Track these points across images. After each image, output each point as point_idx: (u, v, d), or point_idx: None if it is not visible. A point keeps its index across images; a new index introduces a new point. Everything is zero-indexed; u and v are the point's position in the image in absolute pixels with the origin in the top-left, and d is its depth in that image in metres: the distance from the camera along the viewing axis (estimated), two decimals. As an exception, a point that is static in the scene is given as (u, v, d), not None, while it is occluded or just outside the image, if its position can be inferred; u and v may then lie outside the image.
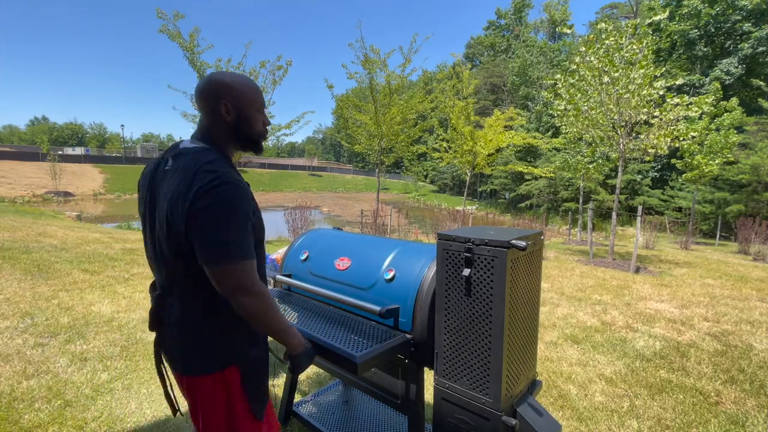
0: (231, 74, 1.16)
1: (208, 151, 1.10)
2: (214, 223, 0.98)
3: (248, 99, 1.15)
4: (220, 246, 0.99)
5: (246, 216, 1.04)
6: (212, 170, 1.02)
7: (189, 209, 0.99)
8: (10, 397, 2.28)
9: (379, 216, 11.05)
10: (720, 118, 13.12)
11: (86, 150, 61.30)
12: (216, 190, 0.99)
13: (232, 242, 1.00)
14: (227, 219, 0.99)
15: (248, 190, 1.08)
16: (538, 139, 17.16)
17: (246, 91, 1.15)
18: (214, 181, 1.00)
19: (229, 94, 1.12)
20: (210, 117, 1.14)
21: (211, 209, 0.98)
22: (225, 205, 0.99)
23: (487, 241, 1.24)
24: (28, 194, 25.58)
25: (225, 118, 1.13)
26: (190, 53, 8.69)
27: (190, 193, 0.99)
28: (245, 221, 1.03)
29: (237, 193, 1.02)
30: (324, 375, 2.84)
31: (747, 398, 2.72)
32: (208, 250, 0.99)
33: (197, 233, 0.99)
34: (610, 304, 4.87)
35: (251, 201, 1.08)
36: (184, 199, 0.99)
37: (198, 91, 1.15)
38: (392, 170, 60.52)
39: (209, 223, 0.98)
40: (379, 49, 10.95)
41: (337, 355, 1.33)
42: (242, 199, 1.03)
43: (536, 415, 1.36)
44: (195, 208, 0.98)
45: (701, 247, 12.81)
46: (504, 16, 55.93)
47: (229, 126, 1.15)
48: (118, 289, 4.40)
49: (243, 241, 1.02)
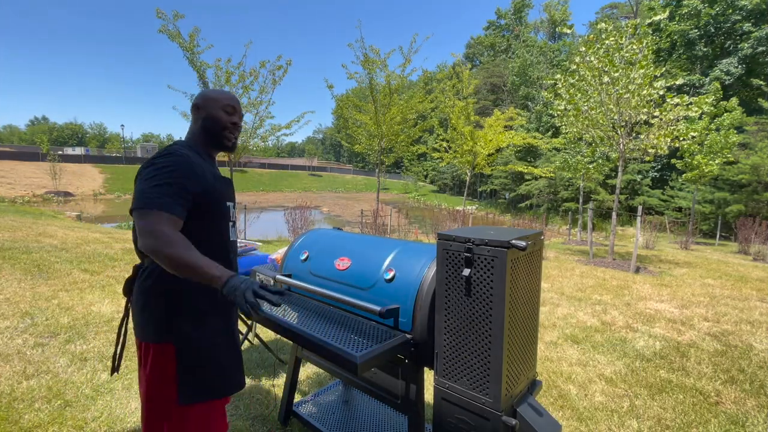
0: (212, 90, 1.47)
1: (176, 142, 1.31)
2: (144, 179, 1.15)
3: (213, 101, 1.37)
4: (137, 194, 1.13)
5: (176, 177, 1.15)
6: (165, 148, 1.25)
7: (136, 175, 1.20)
8: (10, 397, 2.28)
9: (379, 216, 11.05)
10: (720, 118, 13.11)
11: (86, 150, 61.31)
12: (158, 158, 1.19)
13: (147, 192, 1.12)
14: (154, 176, 1.14)
15: (191, 162, 1.21)
16: (538, 139, 17.16)
17: (212, 95, 1.39)
18: (159, 152, 1.23)
19: (200, 98, 1.38)
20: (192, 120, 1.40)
21: (147, 169, 1.17)
22: (159, 167, 1.16)
23: (487, 241, 1.24)
24: (28, 194, 25.57)
25: (197, 118, 1.37)
26: (190, 53, 8.69)
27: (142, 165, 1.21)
28: (174, 181, 1.14)
29: (175, 160, 1.18)
30: (324, 375, 2.84)
31: (747, 398, 2.72)
32: (133, 200, 1.14)
33: (134, 191, 1.16)
34: (610, 304, 4.87)
35: (192, 170, 1.20)
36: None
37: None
38: (392, 170, 60.51)
39: (140, 180, 1.16)
40: (378, 49, 10.95)
41: (337, 355, 1.33)
42: (179, 166, 1.17)
43: (536, 415, 1.36)
44: (138, 175, 1.19)
45: (701, 247, 12.81)
46: (504, 16, 55.92)
47: (200, 123, 1.36)
48: (118, 289, 4.39)
49: (158, 195, 1.11)
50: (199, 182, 1.21)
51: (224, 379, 1.29)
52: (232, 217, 1.41)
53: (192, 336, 1.21)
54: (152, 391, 1.21)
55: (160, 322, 1.20)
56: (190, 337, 1.21)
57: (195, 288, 1.21)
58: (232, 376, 1.33)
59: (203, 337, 1.23)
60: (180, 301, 1.21)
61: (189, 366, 1.20)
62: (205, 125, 1.36)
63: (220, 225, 1.33)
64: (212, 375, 1.25)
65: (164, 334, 1.20)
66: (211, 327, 1.26)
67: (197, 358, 1.22)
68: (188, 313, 1.22)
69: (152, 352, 1.20)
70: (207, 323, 1.25)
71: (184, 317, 1.21)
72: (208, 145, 1.38)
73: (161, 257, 1.08)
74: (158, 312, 1.20)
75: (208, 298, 1.26)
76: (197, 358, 1.22)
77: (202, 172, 1.24)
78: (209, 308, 1.26)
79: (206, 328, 1.24)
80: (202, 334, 1.23)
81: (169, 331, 1.20)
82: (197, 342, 1.22)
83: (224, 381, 1.29)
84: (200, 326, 1.23)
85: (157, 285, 1.21)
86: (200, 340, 1.23)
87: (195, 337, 1.22)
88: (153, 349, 1.20)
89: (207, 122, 1.36)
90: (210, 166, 1.35)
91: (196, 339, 1.22)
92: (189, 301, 1.23)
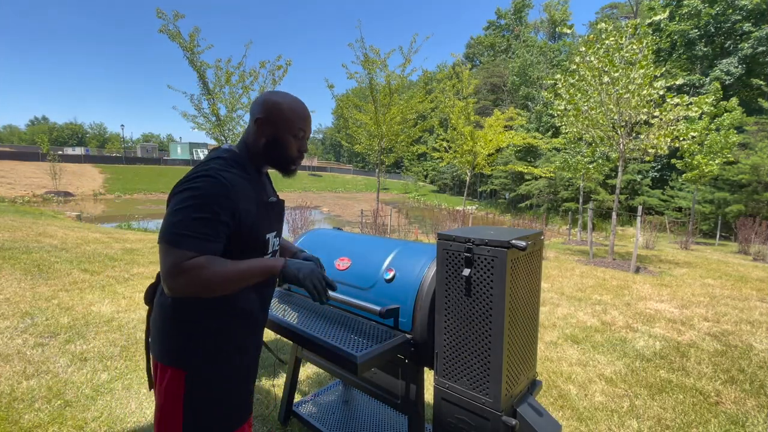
0: (282, 95, 1.20)
1: (225, 152, 1.15)
2: (175, 206, 1.00)
3: (286, 122, 1.17)
4: (167, 224, 0.99)
5: (210, 212, 1.00)
6: (204, 166, 1.08)
7: (170, 195, 1.06)
8: (10, 397, 2.28)
9: (379, 216, 11.05)
10: (720, 118, 13.11)
11: (86, 150, 61.34)
12: (193, 181, 1.03)
13: (179, 224, 0.98)
14: (188, 206, 0.99)
15: (230, 188, 1.04)
16: (538, 139, 17.18)
17: (286, 113, 1.17)
18: (196, 173, 1.05)
19: (269, 112, 1.16)
20: (249, 130, 1.20)
21: (181, 195, 1.01)
22: (193, 194, 1.00)
23: (487, 241, 1.24)
24: (28, 194, 25.56)
25: (260, 135, 1.18)
26: (190, 53, 8.69)
27: (179, 181, 1.07)
28: (209, 212, 1.00)
29: (211, 185, 1.02)
30: (324, 375, 2.84)
31: (747, 398, 2.72)
32: (161, 228, 1.01)
33: (165, 214, 1.04)
34: (610, 304, 4.87)
35: (230, 199, 1.04)
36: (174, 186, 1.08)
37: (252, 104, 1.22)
38: (392, 170, 60.50)
39: (173, 206, 1.01)
40: (379, 49, 10.95)
41: (338, 355, 1.33)
42: (216, 193, 1.02)
43: (536, 415, 1.36)
44: (172, 193, 1.05)
45: (701, 247, 12.81)
46: (504, 16, 55.94)
47: (263, 143, 1.18)
48: (118, 289, 4.39)
49: (191, 230, 0.97)
50: (238, 214, 1.07)
51: (232, 415, 1.19)
52: (272, 248, 1.25)
53: (203, 369, 1.11)
54: (162, 415, 1.13)
55: (174, 347, 1.11)
56: (202, 370, 1.11)
57: (214, 321, 1.12)
58: (241, 411, 1.22)
59: (215, 372, 1.13)
60: (197, 331, 1.11)
61: (198, 399, 1.12)
62: (269, 149, 1.18)
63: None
64: (221, 413, 1.16)
65: (178, 360, 1.11)
66: (225, 362, 1.15)
67: (207, 392, 1.13)
68: (204, 344, 1.12)
69: (167, 375, 1.12)
70: (221, 358, 1.14)
71: (199, 348, 1.11)
72: (265, 164, 1.23)
73: (199, 287, 0.97)
74: (174, 336, 1.11)
75: (226, 332, 1.15)
76: (207, 392, 1.13)
77: (245, 200, 1.09)
78: (226, 342, 1.15)
79: (221, 364, 1.14)
80: (214, 369, 1.13)
81: (182, 358, 1.11)
82: (209, 376, 1.12)
83: (232, 417, 1.19)
84: (214, 361, 1.13)
85: (176, 305, 1.10)
86: (212, 374, 1.13)
87: (207, 371, 1.12)
88: (166, 371, 1.12)
89: (272, 146, 1.18)
90: (258, 188, 1.19)
91: (208, 373, 1.12)
92: (206, 332, 1.12)
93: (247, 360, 1.23)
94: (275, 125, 1.16)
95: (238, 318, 1.16)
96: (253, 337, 1.25)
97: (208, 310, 1.10)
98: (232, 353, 1.16)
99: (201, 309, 1.10)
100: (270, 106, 1.16)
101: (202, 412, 1.12)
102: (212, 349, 1.12)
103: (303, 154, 1.24)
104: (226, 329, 1.14)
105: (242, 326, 1.18)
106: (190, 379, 1.10)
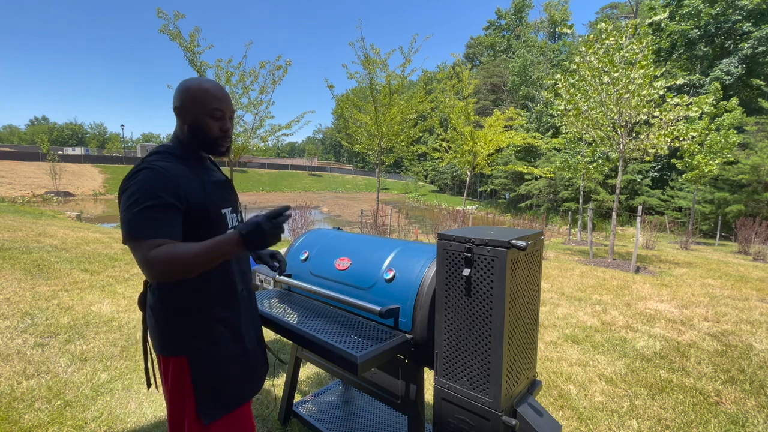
0: (191, 79, 1.22)
1: (158, 148, 1.21)
2: (125, 205, 1.07)
3: (199, 104, 1.19)
4: (124, 224, 1.06)
5: (154, 197, 1.06)
6: (142, 161, 1.14)
7: (119, 191, 1.12)
8: (10, 397, 2.28)
9: (379, 216, 11.05)
10: (720, 118, 13.11)
11: (86, 150, 61.37)
12: (133, 177, 1.09)
13: (132, 220, 1.04)
14: (135, 201, 1.05)
15: (165, 172, 1.10)
16: (538, 139, 17.16)
17: (196, 95, 1.19)
18: (134, 169, 1.12)
19: (182, 99, 1.19)
20: (176, 121, 1.24)
21: (125, 194, 1.08)
22: (135, 188, 1.06)
23: (487, 241, 1.24)
24: (28, 194, 25.58)
25: (182, 122, 1.22)
26: (191, 53, 8.69)
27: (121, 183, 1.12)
28: (154, 199, 1.05)
29: (150, 176, 1.08)
30: (324, 375, 2.84)
31: (747, 398, 2.72)
32: (121, 231, 1.07)
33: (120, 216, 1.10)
34: (610, 304, 4.87)
35: (169, 181, 1.09)
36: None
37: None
38: (392, 170, 60.50)
39: (122, 206, 1.08)
40: (379, 49, 10.95)
41: (338, 355, 1.33)
42: (155, 181, 1.08)
43: (536, 415, 1.36)
44: (119, 193, 1.12)
45: (701, 247, 12.81)
46: (504, 16, 55.93)
47: (186, 129, 1.22)
48: (118, 289, 4.39)
49: (144, 221, 1.04)
50: (183, 194, 1.12)
51: (242, 386, 1.28)
52: (232, 223, 1.30)
53: (205, 351, 1.20)
54: (174, 407, 1.20)
55: (172, 338, 1.19)
56: (203, 352, 1.20)
57: (204, 304, 1.20)
58: (250, 382, 1.32)
59: (216, 352, 1.22)
60: (190, 318, 1.19)
61: (205, 380, 1.19)
62: (193, 134, 1.22)
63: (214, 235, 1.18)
64: (230, 386, 1.24)
65: (178, 348, 1.19)
66: (223, 340, 1.23)
67: (214, 371, 1.21)
68: (199, 329, 1.20)
69: (170, 366, 1.19)
70: (219, 338, 1.22)
71: (196, 334, 1.20)
72: (198, 150, 1.26)
73: (168, 273, 1.02)
74: (170, 329, 1.19)
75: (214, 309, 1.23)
76: (214, 371, 1.21)
77: (187, 181, 1.15)
78: (219, 322, 1.23)
79: (219, 343, 1.22)
80: (214, 349, 1.21)
81: (182, 346, 1.18)
82: (210, 356, 1.21)
83: (243, 389, 1.28)
84: (212, 341, 1.21)
85: (166, 303, 1.19)
86: (213, 354, 1.21)
87: (208, 352, 1.20)
88: (169, 362, 1.20)
89: (194, 131, 1.21)
90: (201, 171, 1.24)
91: (209, 354, 1.20)
92: (199, 317, 1.20)
93: (243, 331, 1.30)
94: (190, 110, 1.19)
95: (220, 294, 1.24)
96: (242, 314, 1.31)
97: (191, 296, 1.18)
98: (224, 328, 1.24)
99: (184, 296, 1.18)
100: (182, 92, 1.19)
101: (212, 395, 1.20)
102: (205, 328, 1.20)
103: (228, 133, 1.25)
104: (213, 307, 1.21)
105: (227, 303, 1.25)
106: (193, 362, 1.18)
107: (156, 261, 1.00)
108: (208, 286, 1.21)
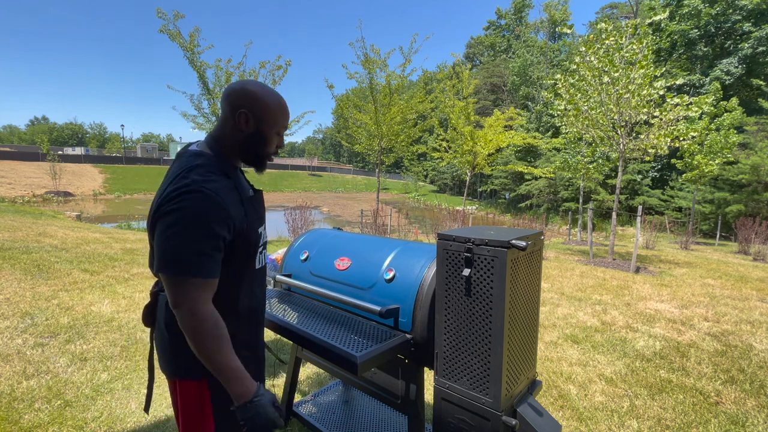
0: (264, 87, 1.13)
1: (200, 156, 1.07)
2: (169, 231, 0.95)
3: (272, 118, 1.12)
4: (165, 253, 0.95)
5: (206, 229, 0.96)
6: (187, 176, 1.00)
7: (154, 214, 0.99)
8: (10, 397, 2.28)
9: (379, 216, 11.05)
10: (720, 118, 13.11)
11: (86, 150, 61.37)
12: (179, 198, 0.96)
13: (177, 251, 0.94)
14: (183, 229, 0.94)
15: (219, 199, 0.99)
16: (538, 139, 17.19)
17: (273, 108, 1.12)
18: (181, 188, 0.97)
19: (254, 106, 1.09)
20: (226, 123, 1.11)
21: (169, 217, 0.95)
22: (182, 213, 0.95)
23: (487, 241, 1.24)
24: (28, 194, 25.56)
25: (241, 129, 1.10)
26: (190, 53, 8.70)
27: (161, 198, 0.98)
28: (203, 230, 0.96)
29: (201, 203, 0.96)
30: (324, 375, 2.84)
31: (747, 398, 2.72)
32: (158, 257, 0.97)
33: (156, 239, 0.98)
34: (610, 304, 4.87)
35: (222, 209, 0.99)
36: (156, 204, 1.00)
37: (225, 94, 1.12)
38: (392, 170, 60.51)
39: (164, 230, 0.96)
40: (379, 49, 10.95)
41: (338, 355, 1.33)
42: (206, 209, 0.96)
43: (536, 415, 1.36)
44: (158, 214, 0.98)
45: (701, 247, 12.81)
46: (504, 16, 55.94)
47: (242, 138, 1.11)
48: (118, 289, 4.39)
49: (193, 258, 0.94)
50: (233, 223, 1.03)
51: None
52: (262, 240, 1.22)
53: None
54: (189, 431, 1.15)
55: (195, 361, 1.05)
56: None
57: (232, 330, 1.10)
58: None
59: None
60: None
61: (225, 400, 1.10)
62: (249, 143, 1.12)
63: (249, 259, 1.15)
64: None
65: (198, 370, 1.08)
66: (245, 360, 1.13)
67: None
68: None
69: (187, 389, 1.12)
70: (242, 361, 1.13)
71: None
72: (239, 159, 1.16)
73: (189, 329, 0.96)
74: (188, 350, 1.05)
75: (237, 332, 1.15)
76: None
77: (234, 206, 1.05)
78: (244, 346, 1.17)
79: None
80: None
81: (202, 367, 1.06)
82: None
83: None
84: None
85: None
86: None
87: None
88: (187, 386, 1.12)
89: (252, 141, 1.11)
90: (239, 185, 1.14)
91: None
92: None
93: (260, 353, 1.28)
94: (261, 120, 1.10)
95: (246, 317, 1.19)
96: (260, 332, 1.29)
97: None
98: (245, 350, 1.16)
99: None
100: (254, 98, 1.09)
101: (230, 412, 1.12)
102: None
103: (277, 152, 1.20)
104: (240, 333, 1.14)
105: (250, 324, 1.22)
106: (213, 385, 1.09)
107: (198, 319, 0.95)
108: (237, 309, 1.14)
